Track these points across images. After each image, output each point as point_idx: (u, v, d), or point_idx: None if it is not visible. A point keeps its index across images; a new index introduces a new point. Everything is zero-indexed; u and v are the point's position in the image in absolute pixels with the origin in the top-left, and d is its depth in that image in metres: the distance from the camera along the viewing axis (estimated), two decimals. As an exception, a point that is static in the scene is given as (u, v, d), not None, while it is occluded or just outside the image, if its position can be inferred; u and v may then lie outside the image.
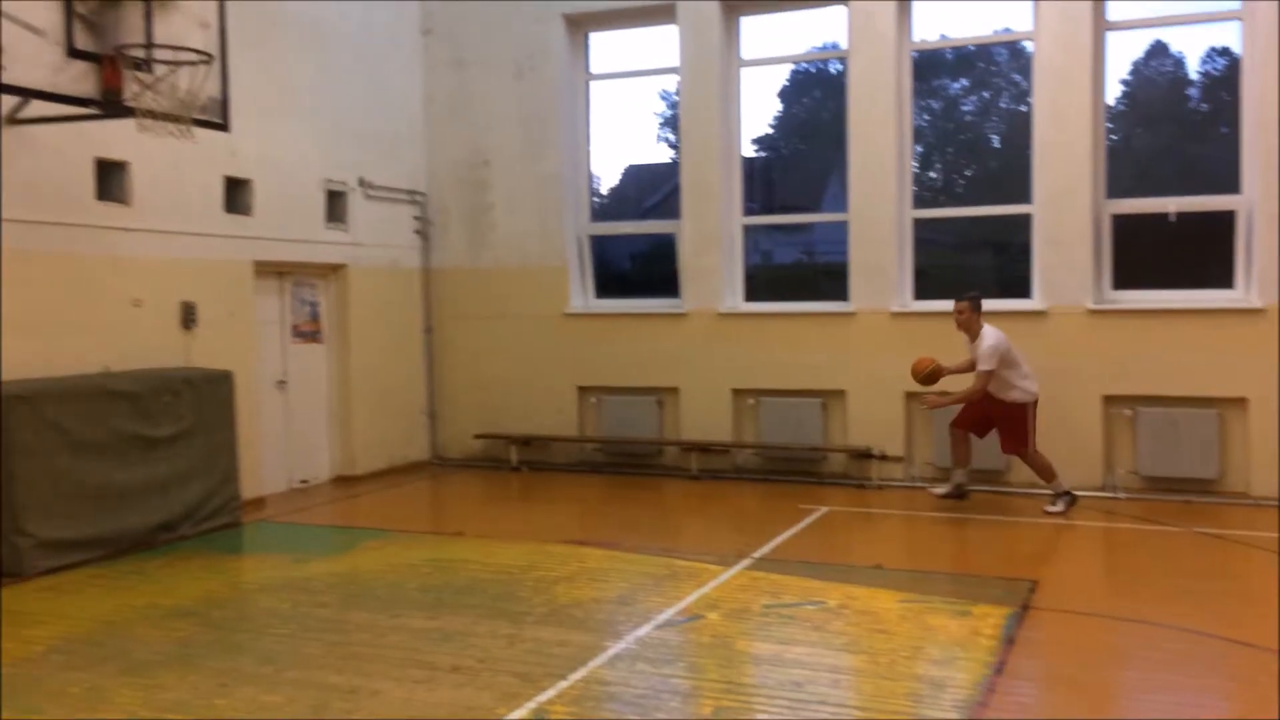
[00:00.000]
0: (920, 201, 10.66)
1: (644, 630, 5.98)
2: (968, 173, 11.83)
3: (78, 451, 7.63)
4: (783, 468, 10.74)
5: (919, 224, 10.57)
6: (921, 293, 10.55)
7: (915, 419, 10.33)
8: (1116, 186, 9.93)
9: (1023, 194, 10.19)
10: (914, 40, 10.52)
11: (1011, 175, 10.49)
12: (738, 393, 10.95)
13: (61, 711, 4.96)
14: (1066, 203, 9.83)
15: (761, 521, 8.97)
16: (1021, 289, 10.22)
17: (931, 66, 11.04)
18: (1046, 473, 9.05)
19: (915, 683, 5.20)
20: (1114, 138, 10.19)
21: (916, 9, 10.47)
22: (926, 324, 10.25)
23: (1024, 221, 10.20)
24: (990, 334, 8.90)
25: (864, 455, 10.32)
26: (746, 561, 7.48)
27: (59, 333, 8.05)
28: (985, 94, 11.61)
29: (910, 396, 10.23)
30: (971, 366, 9.10)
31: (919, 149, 10.86)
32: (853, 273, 10.56)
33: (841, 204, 10.85)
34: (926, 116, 11.12)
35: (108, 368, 8.31)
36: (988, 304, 10.17)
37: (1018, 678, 5.26)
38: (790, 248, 12.38)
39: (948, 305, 10.26)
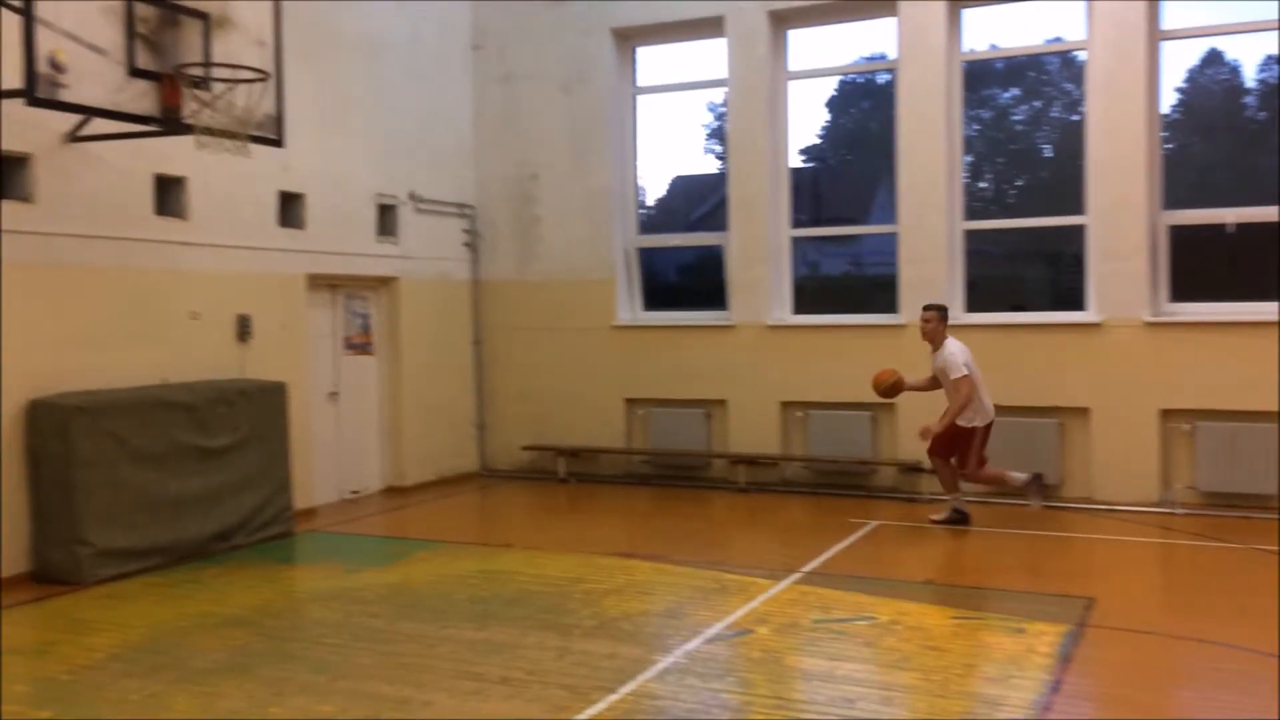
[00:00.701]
0: (971, 213, 10.56)
1: (693, 644, 5.97)
2: (1019, 183, 11.70)
3: (136, 462, 7.78)
4: (832, 481, 10.67)
5: (969, 235, 10.48)
6: (973, 305, 10.46)
7: (966, 432, 10.22)
8: (1173, 197, 9.77)
9: (1076, 205, 10.06)
10: (964, 50, 10.46)
11: (1064, 186, 10.36)
12: (786, 405, 10.91)
13: (122, 717, 5.05)
14: (1122, 214, 9.69)
15: (811, 535, 8.93)
16: (1075, 301, 10.09)
17: (981, 76, 10.95)
18: (999, 482, 9.02)
19: (969, 701, 5.13)
20: (1169, 147, 10.03)
21: (966, 19, 10.41)
22: (978, 336, 10.11)
23: (1077, 233, 10.07)
24: (954, 343, 8.89)
25: (914, 469, 10.22)
26: (796, 575, 7.44)
27: (119, 345, 8.21)
28: (1036, 103, 11.48)
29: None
30: (932, 383, 9.04)
31: (969, 159, 10.76)
32: (902, 285, 10.49)
33: (890, 215, 10.79)
34: (976, 126, 11.02)
35: (165, 379, 8.47)
36: (1043, 316, 10.13)
37: (1074, 697, 5.18)
38: (838, 259, 12.32)
39: (999, 318, 10.23)
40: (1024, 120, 11.51)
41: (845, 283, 12.16)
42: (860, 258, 12.10)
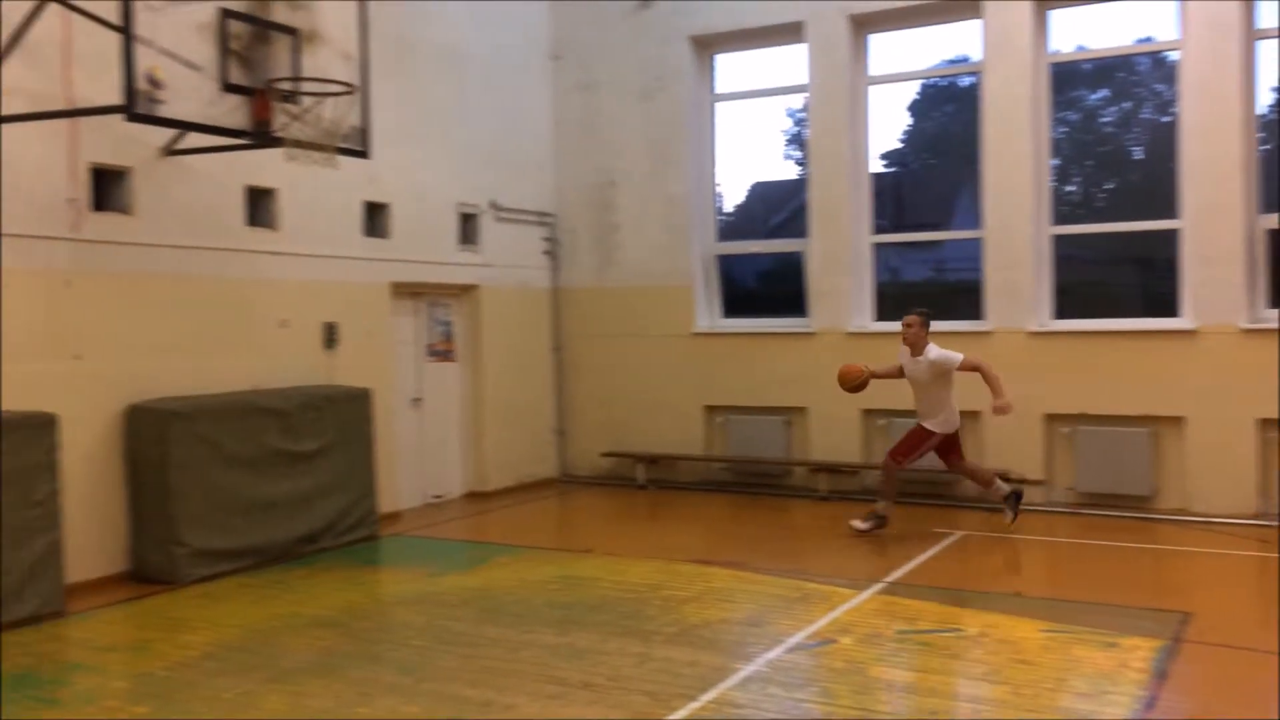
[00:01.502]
0: (1059, 217, 10.34)
1: (775, 653, 5.93)
2: (1108, 186, 11.41)
3: (229, 465, 8.00)
4: (915, 490, 10.49)
5: (1058, 240, 10.26)
6: (1062, 311, 10.23)
7: (1055, 441, 10.00)
8: (1270, 200, 9.45)
9: (1168, 208, 9.79)
10: (1050, 52, 10.25)
11: (1155, 189, 10.08)
12: (867, 413, 10.78)
13: (215, 714, 5.19)
14: (1217, 217, 9.41)
15: (894, 545, 8.80)
16: (1169, 307, 9.81)
17: (1068, 77, 10.70)
18: (889, 486, 9.09)
19: (1060, 716, 5.01)
20: (1266, 149, 9.70)
21: (1053, 20, 10.21)
22: (1067, 344, 9.94)
23: (1170, 237, 9.80)
24: (936, 347, 8.89)
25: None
26: (879, 585, 7.35)
27: (212, 352, 8.46)
28: (1126, 105, 11.19)
29: (1051, 419, 9.93)
30: (898, 372, 9.10)
31: (1056, 162, 10.53)
32: (988, 291, 10.30)
33: (972, 220, 10.61)
34: (1063, 129, 10.78)
35: (256, 385, 8.68)
36: (1135, 323, 9.89)
37: (1170, 713, 5.02)
38: (920, 265, 12.14)
39: (1090, 324, 10.00)
40: (1113, 122, 11.23)
41: (927, 289, 11.96)
42: (943, 263, 11.91)
